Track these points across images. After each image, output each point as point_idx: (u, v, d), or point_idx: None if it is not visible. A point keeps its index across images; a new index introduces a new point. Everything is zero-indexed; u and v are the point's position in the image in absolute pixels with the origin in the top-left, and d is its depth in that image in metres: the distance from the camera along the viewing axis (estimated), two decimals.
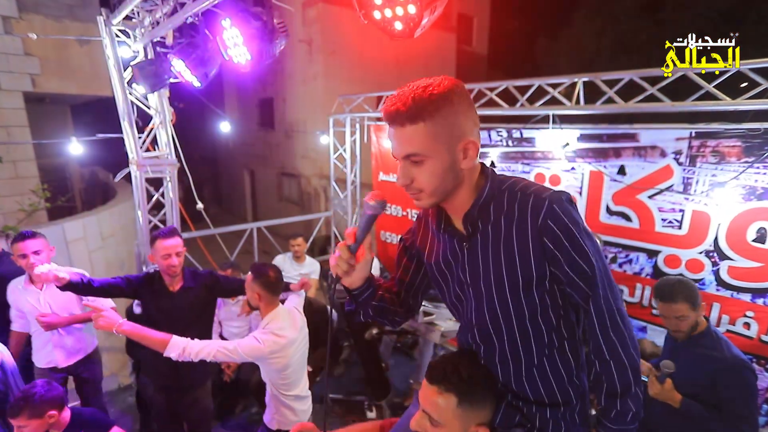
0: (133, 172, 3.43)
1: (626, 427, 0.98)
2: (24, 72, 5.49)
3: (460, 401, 0.98)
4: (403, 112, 0.88)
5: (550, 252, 0.93)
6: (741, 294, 2.61)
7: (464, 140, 0.92)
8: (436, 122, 0.88)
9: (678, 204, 2.81)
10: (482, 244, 0.99)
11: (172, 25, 2.40)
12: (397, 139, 0.93)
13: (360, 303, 1.11)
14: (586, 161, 3.20)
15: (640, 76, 2.78)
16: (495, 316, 1.01)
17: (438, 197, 0.97)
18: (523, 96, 3.40)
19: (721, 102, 2.44)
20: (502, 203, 0.96)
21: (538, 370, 1.01)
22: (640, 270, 3.07)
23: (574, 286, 0.94)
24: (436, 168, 0.92)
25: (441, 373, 1.00)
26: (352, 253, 1.00)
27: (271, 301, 2.00)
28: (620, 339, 0.95)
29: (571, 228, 0.91)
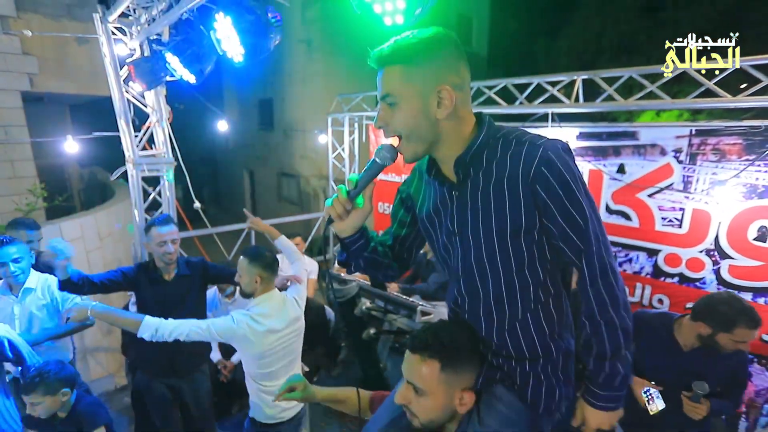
0: (129, 170, 3.41)
1: (615, 393, 0.95)
2: (22, 71, 5.47)
3: (443, 366, 0.97)
4: (384, 53, 0.91)
5: (542, 201, 0.90)
6: (742, 293, 2.56)
7: (439, 87, 0.90)
8: (411, 66, 0.89)
9: (678, 202, 2.79)
10: (472, 191, 0.97)
11: (168, 22, 2.38)
12: (379, 80, 0.94)
13: (351, 253, 1.09)
14: (586, 160, 3.17)
15: (640, 73, 2.76)
16: (482, 265, 0.99)
17: (416, 145, 0.96)
18: (521, 94, 3.38)
19: (722, 99, 2.41)
20: (496, 150, 0.94)
21: (521, 325, 0.99)
22: (640, 269, 3.04)
23: (567, 239, 0.92)
24: (407, 111, 0.92)
25: (423, 341, 1.00)
26: (350, 199, 0.98)
27: (270, 282, 1.95)
28: (612, 298, 0.92)
29: (565, 176, 0.88)
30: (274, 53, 9.76)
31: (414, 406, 1.00)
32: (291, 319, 2.02)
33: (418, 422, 1.00)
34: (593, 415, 0.98)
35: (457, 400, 0.99)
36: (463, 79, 0.94)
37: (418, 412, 1.00)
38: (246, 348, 1.92)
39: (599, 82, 2.96)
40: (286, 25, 8.96)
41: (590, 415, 0.99)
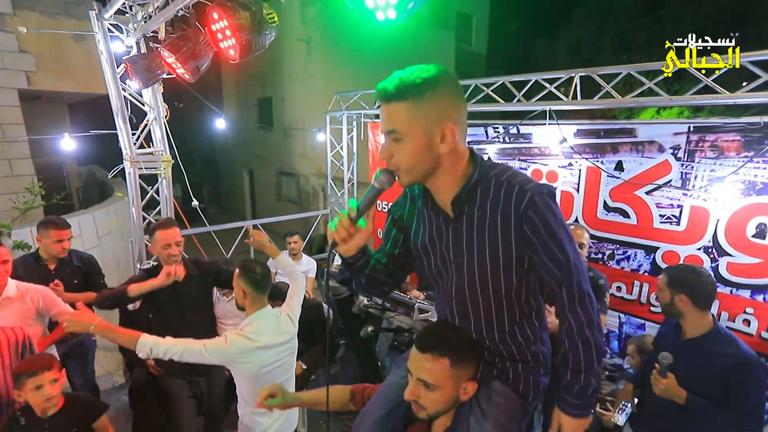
0: (127, 168, 3.40)
1: (586, 401, 1.07)
2: (19, 69, 5.46)
3: (452, 363, 1.07)
4: (390, 90, 0.96)
5: (529, 239, 1.01)
6: (740, 290, 2.58)
7: (443, 125, 0.97)
8: (417, 104, 0.95)
9: (676, 199, 2.78)
10: (467, 227, 1.06)
11: (164, 18, 2.37)
12: (382, 115, 1.00)
13: (353, 271, 1.17)
14: (584, 157, 3.17)
15: (637, 70, 2.75)
16: (474, 292, 1.10)
17: (415, 176, 1.03)
18: (519, 92, 3.37)
19: (720, 96, 2.40)
20: (489, 190, 1.03)
21: (510, 336, 1.14)
22: (638, 267, 3.03)
23: (550, 272, 1.03)
24: (413, 147, 0.98)
25: (432, 340, 1.10)
26: (353, 222, 1.04)
27: (257, 299, 1.92)
28: (588, 320, 1.03)
29: (548, 218, 0.99)
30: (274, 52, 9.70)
31: (423, 400, 1.09)
32: (285, 336, 1.98)
33: (426, 414, 1.10)
34: (568, 422, 1.09)
35: (462, 390, 1.10)
36: (463, 114, 1.02)
37: (428, 405, 1.09)
38: (240, 369, 1.88)
39: (597, 79, 2.94)
40: (285, 24, 8.89)
41: (565, 422, 1.09)
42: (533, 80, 3.32)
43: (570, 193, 3.32)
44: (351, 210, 1.04)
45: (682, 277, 1.83)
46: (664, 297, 1.88)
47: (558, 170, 3.36)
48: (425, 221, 1.16)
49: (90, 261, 3.01)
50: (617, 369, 3.26)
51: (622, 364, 3.23)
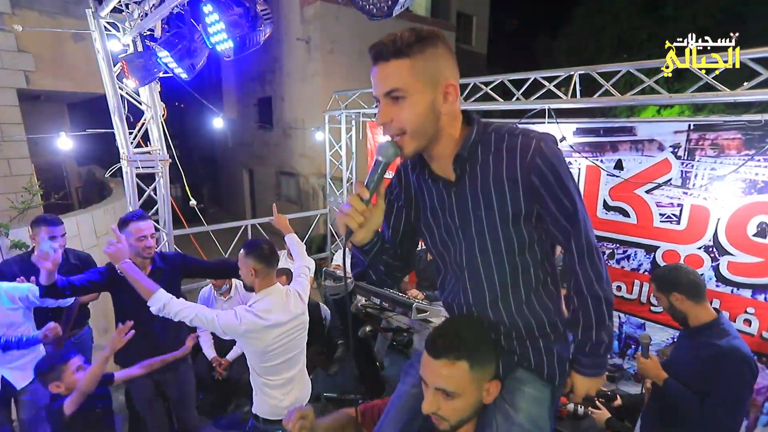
0: (124, 167, 3.39)
1: (599, 360, 1.04)
2: (17, 69, 5.45)
3: (472, 365, 0.97)
4: (389, 46, 0.90)
5: (536, 189, 0.96)
6: (741, 290, 2.55)
7: (445, 83, 0.93)
8: (419, 59, 0.90)
9: (676, 198, 2.76)
10: (471, 185, 1.01)
11: (160, 16, 2.36)
12: (379, 76, 0.93)
13: (372, 258, 1.08)
14: (583, 156, 3.14)
15: (637, 68, 2.72)
16: (486, 255, 1.04)
17: (420, 140, 0.96)
18: (518, 90, 3.35)
19: (721, 93, 2.37)
20: (490, 144, 0.99)
21: (528, 306, 1.06)
22: (638, 266, 3.01)
23: (557, 223, 0.99)
24: (417, 106, 0.92)
25: (446, 344, 0.98)
26: (366, 205, 0.95)
27: (267, 275, 1.93)
28: (597, 274, 1.00)
29: (556, 167, 0.95)
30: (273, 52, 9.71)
31: (444, 411, 0.98)
32: (294, 313, 2.01)
33: (448, 425, 0.99)
34: (581, 381, 1.06)
35: (485, 392, 1.01)
36: (458, 75, 0.98)
37: (449, 415, 0.98)
38: (249, 344, 1.92)
39: (596, 77, 2.92)
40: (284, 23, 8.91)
41: (578, 381, 1.06)
42: (532, 78, 3.30)
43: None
44: (362, 191, 0.94)
45: (665, 279, 1.85)
46: (662, 303, 1.87)
47: None
48: (424, 194, 1.10)
49: (87, 260, 2.99)
50: (617, 369, 3.24)
51: (621, 364, 3.21)
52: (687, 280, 1.80)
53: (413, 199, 1.14)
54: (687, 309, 1.81)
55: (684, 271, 1.84)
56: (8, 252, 3.55)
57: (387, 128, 0.95)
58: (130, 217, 2.27)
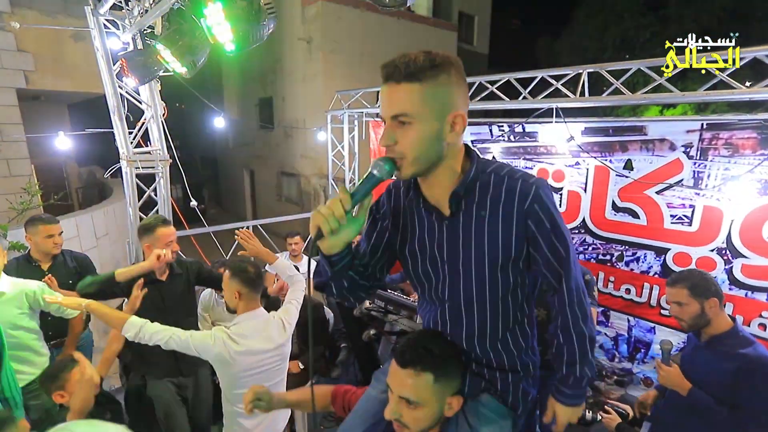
0: (123, 168, 3.33)
1: (581, 391, 1.09)
2: (17, 68, 5.41)
3: (437, 378, 1.00)
4: (402, 69, 0.88)
5: (532, 234, 0.98)
6: (756, 293, 2.48)
7: (454, 112, 0.92)
8: (431, 86, 0.88)
9: (688, 199, 2.69)
10: (465, 223, 1.01)
11: (160, 12, 2.30)
12: (389, 97, 0.91)
13: (336, 272, 1.03)
14: (591, 156, 3.08)
15: (648, 66, 2.67)
16: (470, 293, 1.05)
17: (419, 167, 0.95)
18: (525, 89, 3.29)
19: (735, 91, 2.32)
20: (488, 185, 0.99)
21: (502, 343, 1.08)
22: (648, 269, 2.94)
23: (549, 266, 1.01)
24: (423, 133, 0.90)
25: (413, 355, 1.01)
26: (347, 212, 0.90)
27: (251, 299, 1.85)
28: (583, 314, 1.04)
29: (552, 213, 0.97)
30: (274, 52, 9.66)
31: (405, 419, 1.02)
32: (276, 342, 1.89)
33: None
34: (562, 410, 1.11)
35: (446, 405, 1.03)
36: (467, 105, 0.98)
37: (410, 424, 1.02)
38: (219, 367, 1.83)
39: (605, 75, 2.86)
40: (286, 23, 8.86)
41: (561, 411, 1.11)
42: (539, 77, 3.24)
43: (577, 193, 3.23)
44: (344, 199, 0.90)
45: (704, 283, 1.76)
46: (691, 309, 1.76)
47: (565, 169, 3.27)
48: (415, 221, 1.08)
49: (84, 261, 2.95)
50: (626, 373, 3.18)
51: (631, 368, 3.15)
52: (717, 286, 1.76)
53: (401, 223, 1.11)
54: (714, 316, 1.74)
55: (712, 278, 1.80)
56: (7, 253, 3.51)
57: (389, 150, 0.93)
58: (156, 222, 2.24)
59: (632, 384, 3.14)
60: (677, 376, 1.75)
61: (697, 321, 1.77)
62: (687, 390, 1.72)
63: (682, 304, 1.78)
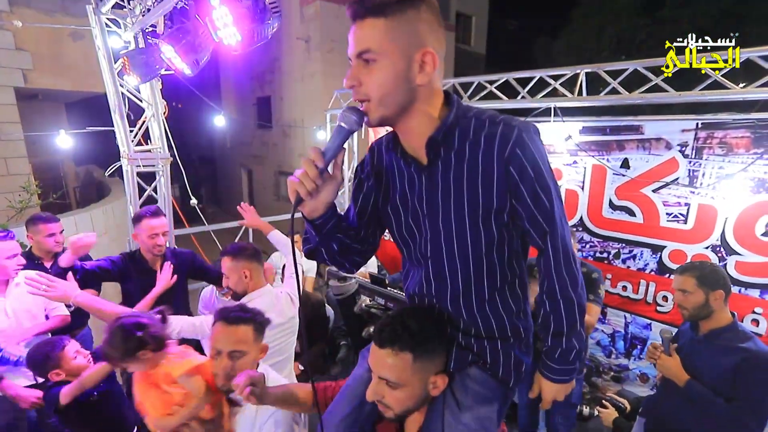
0: (124, 166, 3.34)
1: (569, 366, 1.00)
2: (15, 67, 5.40)
3: (416, 356, 0.95)
4: (366, 2, 0.83)
5: (514, 183, 0.89)
6: (749, 290, 2.53)
7: (423, 49, 0.85)
8: (396, 21, 0.83)
9: (683, 197, 2.74)
10: (443, 172, 0.93)
11: (163, 11, 2.32)
12: (353, 35, 0.86)
13: (324, 235, 1.00)
14: (589, 154, 3.12)
15: (644, 66, 2.71)
16: (451, 247, 0.97)
17: (387, 109, 0.88)
18: (523, 88, 3.33)
19: (730, 91, 2.36)
20: (468, 130, 0.91)
21: (490, 305, 1.01)
22: (645, 266, 2.99)
23: (534, 221, 0.92)
24: (388, 71, 0.84)
25: (391, 333, 0.96)
26: (321, 172, 0.88)
27: (259, 275, 1.88)
28: (571, 278, 0.95)
29: (537, 159, 0.88)
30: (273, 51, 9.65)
31: (388, 400, 0.98)
32: (286, 316, 1.94)
33: (393, 413, 0.99)
34: (549, 387, 1.02)
35: (430, 385, 0.99)
36: (443, 47, 0.90)
37: (393, 405, 0.98)
38: None
39: (603, 75, 2.90)
40: (284, 22, 8.81)
41: (547, 387, 1.03)
42: (537, 77, 3.28)
43: (575, 191, 3.27)
44: (317, 157, 0.86)
45: (712, 274, 1.77)
46: (696, 299, 1.77)
47: (563, 168, 3.31)
48: (395, 175, 1.02)
49: (85, 259, 2.96)
50: (623, 369, 3.22)
51: (627, 364, 3.19)
52: (727, 280, 1.77)
53: (384, 180, 1.05)
54: (718, 308, 1.76)
55: (723, 271, 1.81)
56: None
57: (354, 92, 0.89)
58: (144, 213, 2.26)
59: (629, 380, 3.18)
60: (676, 366, 1.77)
61: (699, 311, 1.78)
62: (684, 381, 1.75)
63: (687, 292, 1.78)
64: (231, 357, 1.30)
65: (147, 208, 2.32)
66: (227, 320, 1.31)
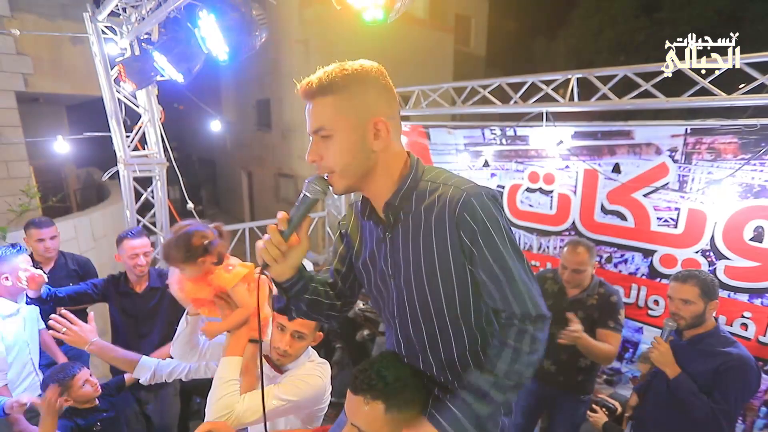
0: (120, 171, 3.38)
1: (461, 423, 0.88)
2: (16, 71, 5.45)
3: (388, 407, 0.93)
4: (315, 85, 0.88)
5: (467, 248, 0.89)
6: (738, 294, 2.55)
7: (374, 119, 0.89)
8: (343, 97, 0.88)
9: (673, 202, 2.76)
10: (403, 235, 0.96)
11: (156, 20, 2.36)
12: (308, 114, 0.91)
13: (292, 297, 1.03)
14: (581, 159, 3.14)
15: (635, 72, 2.73)
16: (414, 309, 0.98)
17: (350, 179, 0.93)
18: (516, 93, 3.35)
19: (717, 98, 2.38)
20: (424, 193, 0.93)
21: (461, 363, 0.99)
22: (636, 270, 3.01)
23: (487, 289, 0.91)
24: (343, 144, 0.89)
25: (365, 381, 0.95)
26: (285, 239, 0.92)
27: None
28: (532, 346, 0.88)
29: (486, 223, 0.86)
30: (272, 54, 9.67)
31: None
32: None
33: None
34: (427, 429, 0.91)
35: None
36: (394, 111, 0.94)
37: None
38: None
39: (594, 81, 2.93)
40: (283, 25, 8.87)
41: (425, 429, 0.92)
42: (530, 82, 3.31)
43: (567, 196, 3.30)
44: (281, 222, 0.91)
45: (712, 285, 1.79)
46: (696, 309, 1.77)
47: (555, 172, 3.34)
48: (366, 234, 1.06)
49: (86, 264, 2.99)
50: (615, 373, 3.23)
51: (620, 368, 3.21)
52: (717, 288, 1.81)
53: (358, 236, 1.09)
54: (709, 317, 1.79)
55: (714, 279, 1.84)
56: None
57: (319, 167, 0.93)
58: (125, 234, 2.28)
59: (621, 383, 3.20)
60: (669, 356, 1.79)
61: (696, 320, 1.80)
62: (676, 373, 1.77)
63: (690, 302, 1.77)
64: (293, 336, 1.36)
65: (129, 230, 2.33)
66: None
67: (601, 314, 2.24)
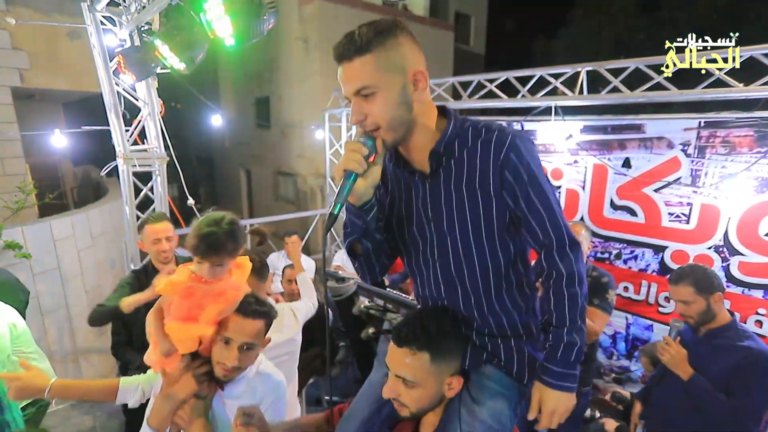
0: (120, 166, 3.30)
1: (570, 370, 0.97)
2: (12, 66, 5.36)
3: (433, 357, 0.99)
4: (350, 45, 0.90)
5: (510, 187, 0.95)
6: (753, 291, 2.50)
7: (413, 70, 0.93)
8: (382, 53, 0.90)
9: (686, 197, 2.71)
10: (445, 180, 1.00)
11: (158, 8, 2.29)
12: (346, 76, 0.93)
13: (369, 223, 1.03)
14: (590, 154, 3.09)
15: (646, 64, 2.68)
16: (457, 251, 1.03)
17: (396, 131, 0.96)
18: (523, 87, 3.30)
19: (733, 89, 2.33)
20: (466, 139, 0.98)
21: (499, 305, 1.05)
22: (646, 266, 2.96)
23: (528, 224, 0.97)
24: (388, 99, 0.92)
25: (410, 333, 1.00)
26: (368, 149, 0.93)
27: (260, 290, 1.81)
28: (569, 273, 0.97)
29: (531, 165, 0.94)
30: (271, 51, 9.63)
31: (404, 398, 1.01)
32: (286, 335, 1.85)
33: (408, 412, 1.02)
34: (550, 396, 0.98)
35: (446, 386, 1.02)
36: (424, 63, 0.97)
37: (409, 403, 1.01)
38: None
39: (604, 73, 2.87)
40: (283, 22, 8.81)
41: (547, 396, 0.98)
42: (537, 75, 3.25)
43: (575, 191, 3.24)
44: (362, 148, 0.93)
45: (708, 279, 1.75)
46: (698, 307, 1.75)
47: (563, 167, 3.28)
48: (401, 185, 1.10)
49: None
50: (624, 371, 3.19)
51: (628, 366, 3.16)
52: (719, 279, 1.77)
53: (389, 189, 1.13)
54: (719, 310, 1.75)
55: (713, 271, 1.80)
56: (1, 252, 3.46)
57: (363, 126, 0.95)
58: (146, 218, 2.18)
59: (630, 381, 3.15)
60: (683, 360, 1.74)
61: (704, 317, 1.76)
62: (689, 375, 1.72)
63: (689, 302, 1.75)
64: (241, 349, 1.27)
65: (151, 214, 2.23)
66: (245, 313, 1.28)
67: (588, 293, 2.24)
